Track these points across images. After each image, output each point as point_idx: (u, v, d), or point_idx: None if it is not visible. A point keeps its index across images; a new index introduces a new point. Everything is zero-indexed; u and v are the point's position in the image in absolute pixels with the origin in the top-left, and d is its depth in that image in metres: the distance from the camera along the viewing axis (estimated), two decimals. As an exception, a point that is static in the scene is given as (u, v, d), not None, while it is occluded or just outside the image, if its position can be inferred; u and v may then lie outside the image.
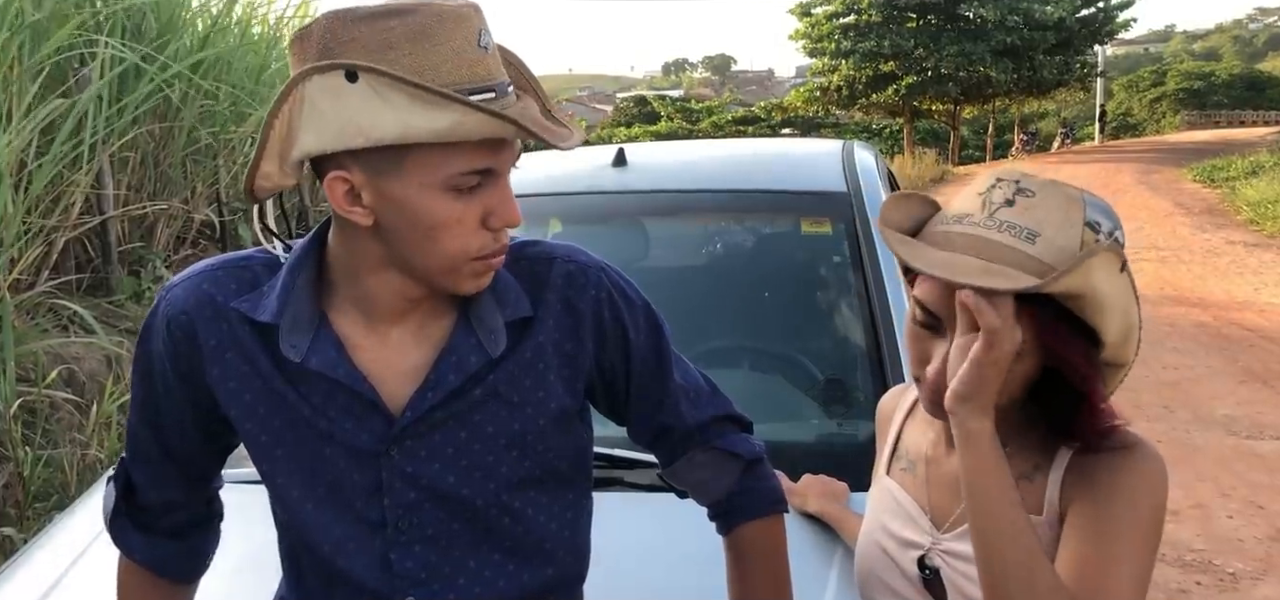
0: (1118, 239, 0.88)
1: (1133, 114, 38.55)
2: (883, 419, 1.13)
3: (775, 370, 1.84)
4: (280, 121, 0.78)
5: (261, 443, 0.88)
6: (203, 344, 0.87)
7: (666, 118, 29.85)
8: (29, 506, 2.90)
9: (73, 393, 3.54)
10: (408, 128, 0.74)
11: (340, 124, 0.76)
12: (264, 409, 0.87)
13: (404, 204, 0.79)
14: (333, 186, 0.80)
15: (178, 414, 0.91)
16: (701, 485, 1.01)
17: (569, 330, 0.91)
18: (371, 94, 0.74)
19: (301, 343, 0.85)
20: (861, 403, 1.64)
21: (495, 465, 0.89)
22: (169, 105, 5.05)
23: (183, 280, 0.89)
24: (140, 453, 0.95)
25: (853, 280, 1.80)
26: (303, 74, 0.76)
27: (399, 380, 0.87)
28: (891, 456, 1.07)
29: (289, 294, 0.85)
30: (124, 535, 0.98)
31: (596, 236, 2.12)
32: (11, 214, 3.62)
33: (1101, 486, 0.86)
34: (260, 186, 0.82)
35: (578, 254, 0.94)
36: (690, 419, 0.99)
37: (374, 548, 0.88)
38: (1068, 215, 0.87)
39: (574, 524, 0.96)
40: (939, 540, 0.96)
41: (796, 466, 1.44)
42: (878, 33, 21.68)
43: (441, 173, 0.78)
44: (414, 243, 0.81)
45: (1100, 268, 0.83)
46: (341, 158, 0.78)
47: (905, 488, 1.02)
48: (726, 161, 2.47)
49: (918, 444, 1.03)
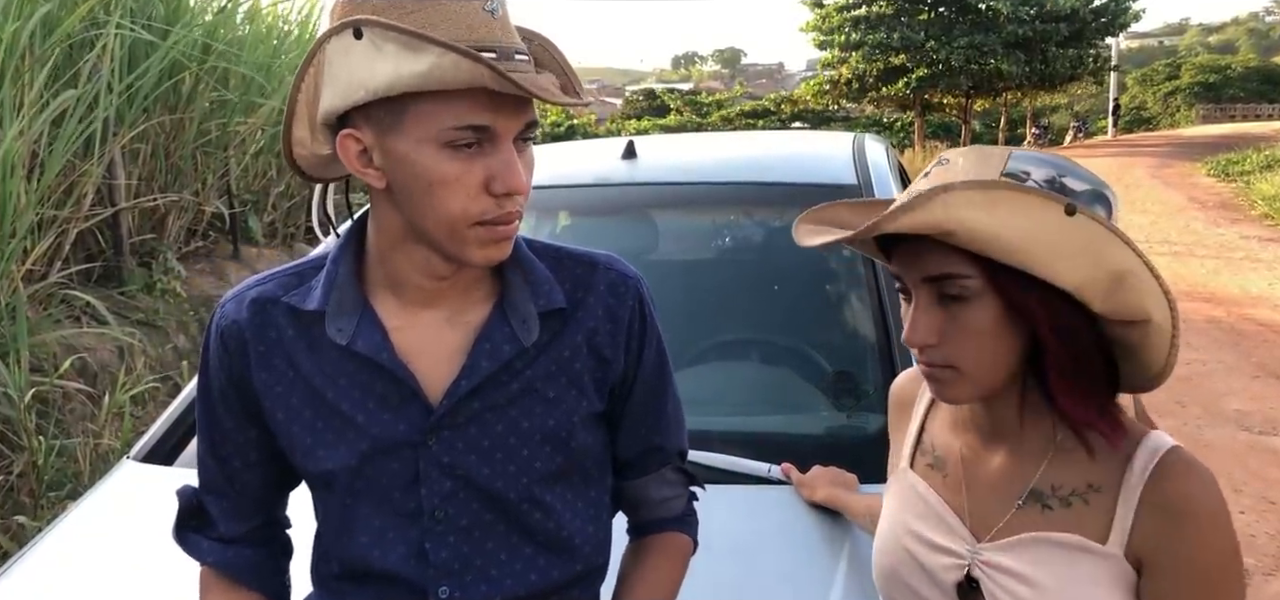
0: (1068, 189, 0.83)
1: (1146, 107, 38.24)
2: (899, 404, 1.08)
3: (784, 363, 1.84)
4: (307, 85, 0.81)
5: (305, 445, 0.89)
6: (252, 351, 0.89)
7: (676, 111, 29.77)
8: (43, 495, 2.92)
9: (85, 383, 3.56)
10: (397, 75, 0.75)
11: (347, 79, 0.78)
12: (309, 412, 0.89)
13: (406, 160, 0.80)
14: (345, 145, 0.82)
15: (239, 437, 0.93)
16: (663, 502, 1.03)
17: (609, 336, 0.93)
18: (371, 47, 0.76)
19: (347, 326, 0.87)
20: (871, 395, 1.63)
21: (529, 460, 0.90)
22: (179, 96, 5.07)
23: (234, 295, 0.93)
24: (210, 485, 0.97)
25: (862, 273, 1.79)
26: (323, 36, 0.80)
27: (435, 367, 0.88)
28: (914, 449, 1.02)
29: (333, 281, 0.88)
30: (192, 544, 0.98)
31: (605, 229, 2.12)
32: (24, 205, 3.64)
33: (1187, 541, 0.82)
34: (297, 154, 0.85)
35: (618, 262, 0.96)
36: (680, 441, 1.04)
37: (410, 538, 0.89)
38: (982, 167, 0.84)
39: (598, 519, 0.97)
40: (979, 550, 0.90)
41: (805, 459, 1.44)
42: (888, 25, 21.54)
43: (436, 126, 0.78)
44: (418, 202, 0.81)
45: (983, 204, 0.78)
46: (355, 117, 0.81)
47: (934, 487, 0.97)
48: (736, 154, 2.46)
49: (947, 441, 0.98)
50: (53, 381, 3.31)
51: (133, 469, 1.56)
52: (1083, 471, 0.87)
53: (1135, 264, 0.81)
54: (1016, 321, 0.84)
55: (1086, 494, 0.86)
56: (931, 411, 1.03)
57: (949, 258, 0.83)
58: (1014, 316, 0.84)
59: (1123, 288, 0.81)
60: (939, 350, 0.86)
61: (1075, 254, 0.80)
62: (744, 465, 1.45)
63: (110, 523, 1.45)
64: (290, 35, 6.59)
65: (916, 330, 0.86)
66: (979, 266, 0.83)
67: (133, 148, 4.74)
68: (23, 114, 3.71)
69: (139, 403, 3.55)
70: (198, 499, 0.97)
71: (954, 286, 0.84)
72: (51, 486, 2.97)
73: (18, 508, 2.84)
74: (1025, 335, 0.85)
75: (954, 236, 0.81)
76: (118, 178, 4.49)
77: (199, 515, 0.97)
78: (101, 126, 4.21)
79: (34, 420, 3.03)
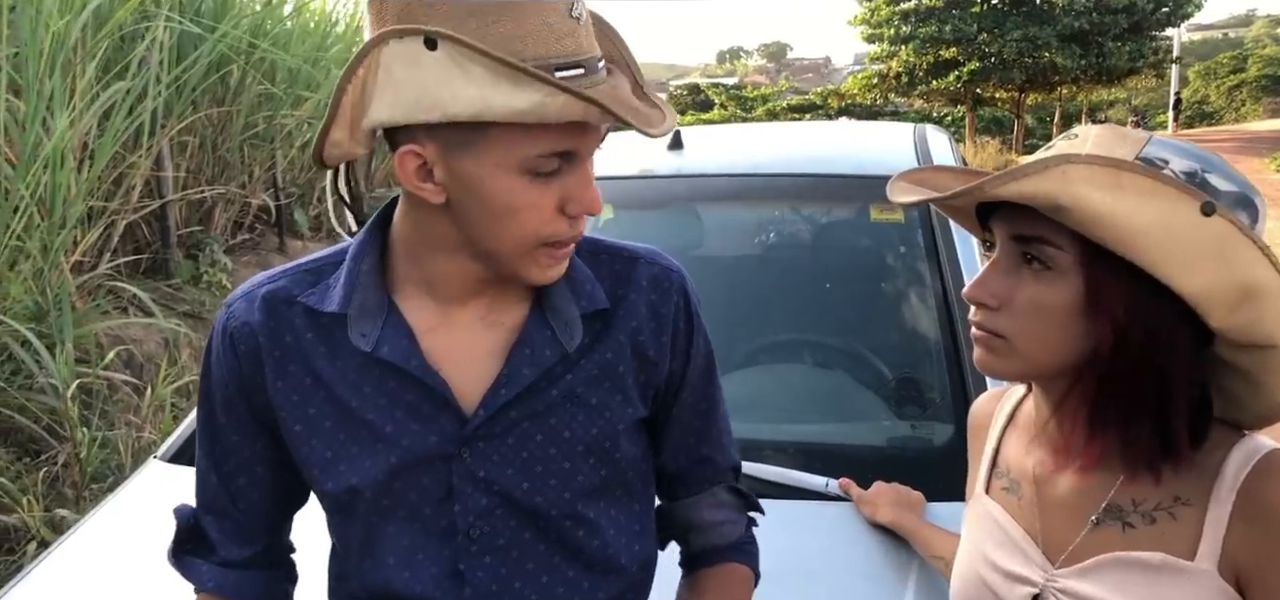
0: (1210, 186, 0.75)
1: (1209, 102, 37.00)
2: (976, 428, 1.00)
3: (840, 367, 1.73)
4: (354, 87, 0.72)
5: (325, 459, 0.82)
6: (267, 356, 0.82)
7: (720, 105, 29.58)
8: (86, 487, 2.93)
9: (131, 374, 3.58)
10: (487, 105, 0.68)
11: (416, 95, 0.69)
12: (330, 422, 0.81)
13: (477, 184, 0.73)
14: (404, 161, 0.74)
15: (246, 450, 0.86)
16: (717, 527, 0.94)
17: (652, 335, 0.86)
18: (451, 65, 0.68)
19: (371, 331, 0.80)
20: (937, 404, 1.51)
21: (572, 472, 0.83)
22: (226, 89, 5.10)
23: (243, 293, 0.84)
24: (210, 504, 0.88)
25: (927, 272, 1.67)
26: (380, 37, 0.70)
27: (470, 373, 0.81)
28: (990, 473, 0.94)
29: (355, 281, 0.81)
30: (191, 568, 0.90)
31: (650, 222, 2.02)
32: (74, 195, 3.67)
33: None
34: (329, 154, 0.77)
35: (660, 256, 0.89)
36: (732, 455, 0.95)
37: (443, 558, 0.82)
38: (1115, 145, 0.76)
39: (643, 534, 0.90)
40: (1053, 576, 0.83)
41: (865, 472, 1.32)
42: (939, 17, 21.15)
43: (520, 154, 0.72)
44: (485, 225, 0.75)
45: (1107, 184, 0.70)
46: (415, 131, 0.73)
47: (1009, 512, 0.89)
48: (790, 144, 2.35)
49: (1020, 461, 0.90)
50: (97, 373, 3.32)
51: (159, 469, 1.50)
52: (1166, 482, 0.78)
53: (1274, 282, 0.72)
54: (1093, 316, 0.76)
55: (1173, 507, 0.77)
56: (1006, 433, 0.94)
57: (1048, 223, 0.76)
58: (1093, 309, 0.76)
59: (1252, 305, 0.72)
60: (997, 316, 0.80)
61: (1204, 258, 0.71)
62: (797, 478, 1.34)
63: (133, 525, 1.40)
64: (336, 28, 6.61)
65: (982, 287, 0.81)
66: (1077, 244, 0.75)
67: (180, 140, 4.78)
68: (73, 105, 3.74)
69: (183, 395, 3.55)
70: (196, 520, 0.89)
71: (1042, 251, 0.78)
72: (94, 479, 2.98)
73: (60, 500, 2.84)
74: (1094, 335, 0.77)
75: (1066, 213, 0.73)
76: (165, 170, 4.53)
77: (198, 537, 0.89)
78: (150, 119, 4.24)
79: (78, 411, 3.03)
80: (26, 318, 3.21)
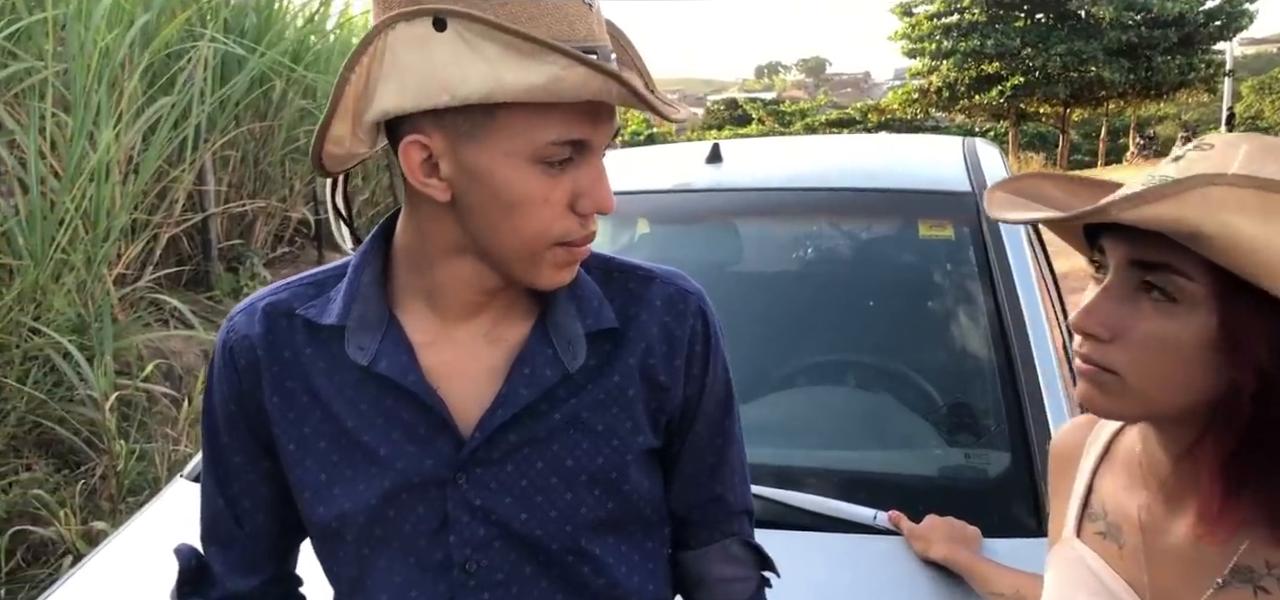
0: None
1: (1264, 116, 35.93)
2: (1062, 461, 0.90)
3: (885, 389, 1.64)
4: (357, 77, 0.68)
5: (319, 482, 0.77)
6: (265, 370, 0.78)
7: (758, 120, 29.48)
8: (122, 500, 2.94)
9: (170, 387, 3.61)
10: (499, 83, 0.64)
11: (424, 78, 0.66)
12: (325, 443, 0.77)
13: (486, 175, 0.69)
14: (408, 153, 0.70)
15: (250, 472, 0.82)
16: (726, 585, 0.87)
17: (664, 358, 0.80)
18: (461, 44, 0.64)
19: (369, 345, 0.76)
20: (991, 431, 1.42)
21: (574, 504, 0.77)
22: (268, 104, 5.17)
23: (244, 306, 0.81)
24: (215, 532, 0.84)
25: (979, 291, 1.59)
26: (386, 21, 0.66)
27: (470, 392, 0.76)
28: (1081, 513, 0.85)
29: (355, 293, 0.77)
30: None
31: (687, 238, 1.97)
32: (118, 208, 3.71)
33: None
34: (330, 153, 0.73)
35: (678, 277, 0.84)
36: (746, 498, 0.88)
37: (438, 594, 0.77)
38: (1264, 161, 0.66)
39: (656, 575, 0.83)
40: None
41: (915, 504, 1.25)
42: (982, 32, 20.90)
43: (531, 140, 0.68)
44: (492, 221, 0.71)
45: (1258, 209, 0.62)
46: (420, 120, 0.69)
47: (1107, 560, 0.80)
48: (833, 158, 2.28)
49: (1121, 504, 0.81)
50: (137, 385, 3.34)
51: (184, 488, 1.48)
52: (1266, 539, 0.69)
53: None
54: (1229, 357, 0.66)
55: (1263, 576, 0.69)
56: (1101, 468, 0.84)
57: (1175, 249, 0.66)
58: (1230, 350, 0.66)
59: None
60: (1109, 349, 0.70)
61: None
62: (842, 509, 1.26)
63: (157, 545, 1.37)
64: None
65: (1091, 316, 0.71)
66: (1211, 274, 0.65)
67: (223, 154, 4.85)
68: (119, 119, 3.80)
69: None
70: (198, 560, 0.85)
71: (1168, 281, 0.67)
72: (130, 492, 2.99)
73: (96, 512, 2.85)
74: (1226, 377, 0.67)
75: (1206, 243, 0.63)
76: (208, 183, 4.59)
77: (200, 575, 0.85)
78: (193, 133, 4.30)
79: (117, 423, 3.05)
80: (68, 330, 3.25)
